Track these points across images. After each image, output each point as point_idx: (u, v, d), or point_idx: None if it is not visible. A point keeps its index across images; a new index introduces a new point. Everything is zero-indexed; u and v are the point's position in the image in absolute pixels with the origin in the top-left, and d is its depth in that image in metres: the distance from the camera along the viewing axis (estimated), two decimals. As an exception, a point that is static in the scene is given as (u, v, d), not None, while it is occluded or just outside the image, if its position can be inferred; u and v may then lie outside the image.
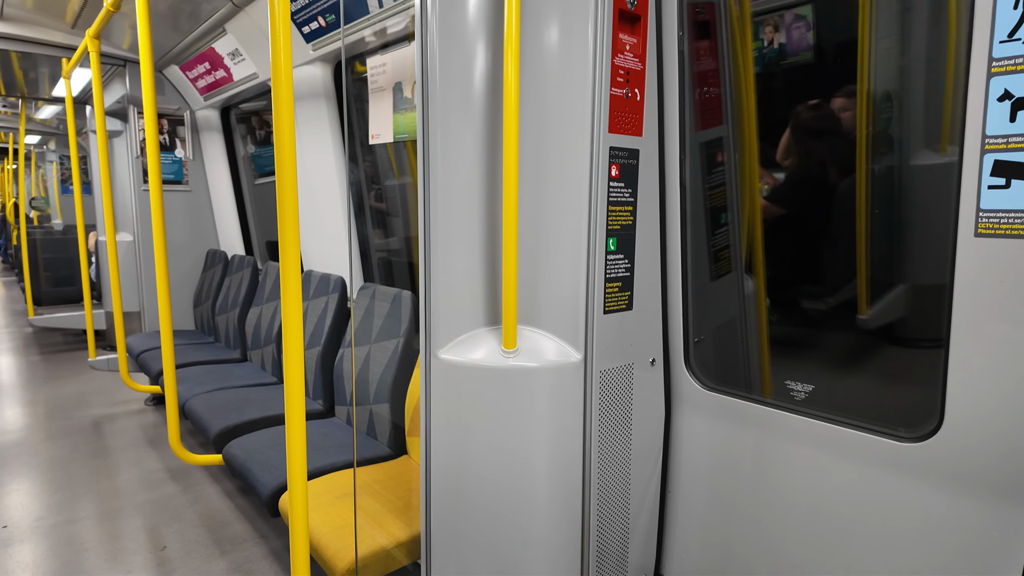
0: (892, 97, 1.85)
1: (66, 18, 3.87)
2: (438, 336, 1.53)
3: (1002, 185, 1.10)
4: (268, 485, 2.11)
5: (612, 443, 1.61)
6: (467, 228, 1.52)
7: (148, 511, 2.86)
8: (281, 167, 1.27)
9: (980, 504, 1.21)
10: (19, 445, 3.64)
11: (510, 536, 1.52)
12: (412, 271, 3.33)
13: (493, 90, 1.47)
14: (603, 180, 1.47)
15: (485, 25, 1.44)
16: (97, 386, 4.79)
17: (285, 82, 1.27)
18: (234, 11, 3.17)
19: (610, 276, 1.53)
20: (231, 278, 4.27)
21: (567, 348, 1.51)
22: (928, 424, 1.28)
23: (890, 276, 1.85)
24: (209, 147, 4.76)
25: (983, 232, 1.13)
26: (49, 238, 7.09)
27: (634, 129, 1.53)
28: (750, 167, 1.89)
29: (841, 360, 1.93)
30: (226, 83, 3.92)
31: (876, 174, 1.86)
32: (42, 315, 5.72)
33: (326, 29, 2.72)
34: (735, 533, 1.64)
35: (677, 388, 1.74)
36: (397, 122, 2.60)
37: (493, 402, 1.50)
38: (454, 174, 1.50)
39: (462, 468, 1.54)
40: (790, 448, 1.52)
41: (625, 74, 1.48)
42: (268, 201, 4.66)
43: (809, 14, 2.07)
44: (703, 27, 1.72)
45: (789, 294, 2.09)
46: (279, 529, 2.71)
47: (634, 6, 1.47)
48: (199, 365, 3.67)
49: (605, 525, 1.63)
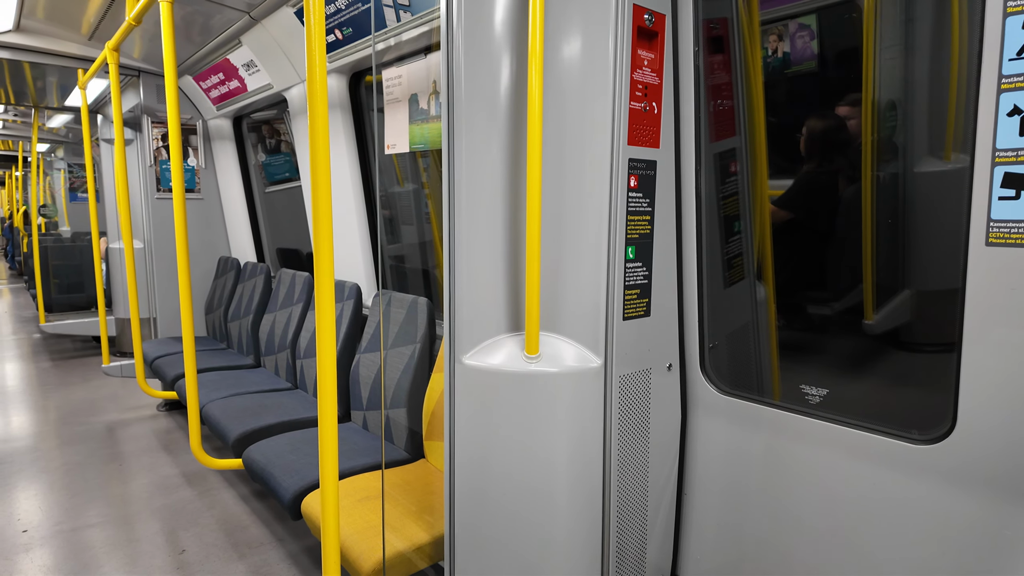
0: (897, 105, 1.90)
1: (82, 30, 3.93)
2: (462, 342, 1.58)
3: (1012, 196, 1.15)
4: (290, 489, 2.15)
5: (631, 446, 1.65)
6: (490, 236, 1.56)
7: (165, 515, 2.90)
8: (316, 179, 1.32)
9: (992, 505, 1.25)
10: (35, 450, 3.68)
11: (532, 536, 1.56)
12: (425, 277, 3.37)
13: (516, 101, 1.52)
14: (622, 190, 1.52)
15: (510, 39, 1.50)
16: (108, 392, 4.83)
17: (320, 95, 1.32)
18: (250, 24, 3.23)
19: (629, 283, 1.58)
20: (244, 285, 4.32)
21: (587, 354, 1.56)
22: (941, 427, 1.32)
23: (895, 281, 1.90)
24: (221, 156, 4.82)
25: (994, 241, 1.18)
26: (58, 245, 7.15)
27: (652, 141, 1.58)
28: (760, 176, 1.93)
29: (850, 364, 1.97)
30: (240, 93, 3.99)
31: (881, 181, 1.90)
32: (53, 322, 5.77)
33: (343, 42, 2.78)
34: (750, 534, 1.68)
35: (693, 392, 1.78)
36: (413, 132, 2.66)
37: (516, 406, 1.54)
38: (478, 183, 1.54)
39: (485, 471, 1.58)
40: (803, 450, 1.56)
41: (643, 88, 1.53)
42: (279, 209, 4.71)
43: (813, 23, 2.13)
44: (717, 42, 1.77)
45: (796, 299, 2.14)
46: (296, 532, 2.75)
47: (652, 23, 1.52)
48: (214, 371, 3.71)
49: (624, 526, 1.67)
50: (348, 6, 2.59)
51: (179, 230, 2.52)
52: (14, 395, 4.78)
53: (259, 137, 4.62)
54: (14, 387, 5.00)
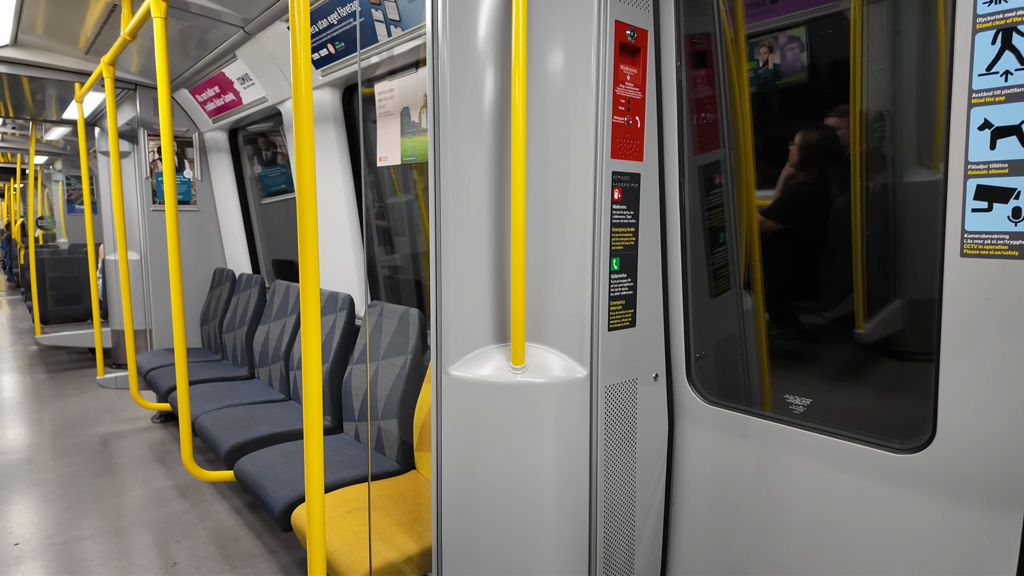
0: (885, 116, 1.92)
1: (79, 44, 3.97)
2: (449, 353, 1.59)
3: (985, 208, 1.17)
4: (280, 500, 2.15)
5: (618, 456, 1.66)
6: (476, 249, 1.58)
7: (158, 528, 2.90)
8: (302, 192, 1.33)
9: (972, 512, 1.26)
10: (28, 463, 3.68)
11: (520, 546, 1.57)
12: (418, 288, 3.39)
13: (501, 115, 1.54)
14: (606, 203, 1.54)
15: (493, 53, 1.52)
16: (103, 404, 4.83)
17: (306, 110, 1.34)
18: (245, 38, 3.26)
19: (614, 294, 1.59)
20: (239, 296, 4.33)
21: (573, 364, 1.57)
22: (921, 436, 1.33)
23: (886, 290, 1.91)
24: (217, 168, 4.85)
25: (968, 252, 1.20)
26: (55, 257, 7.16)
27: (635, 154, 1.60)
28: (747, 188, 1.96)
29: (841, 373, 1.99)
30: (235, 106, 4.02)
31: (871, 190, 1.92)
32: (48, 333, 5.77)
33: (335, 56, 2.81)
34: (737, 543, 1.69)
35: (680, 402, 1.79)
36: (404, 145, 2.68)
37: (502, 417, 1.55)
38: (464, 195, 1.56)
39: (473, 482, 1.59)
40: (789, 460, 1.57)
41: (626, 103, 1.56)
42: (274, 220, 4.74)
43: (803, 35, 2.16)
44: (700, 56, 1.80)
45: (786, 309, 2.16)
46: (288, 545, 2.74)
47: (634, 39, 1.55)
48: (208, 383, 3.72)
49: (612, 536, 1.68)
50: (340, 21, 2.62)
51: (171, 242, 2.54)
52: (9, 407, 4.78)
53: (255, 149, 4.65)
54: (9, 399, 4.99)
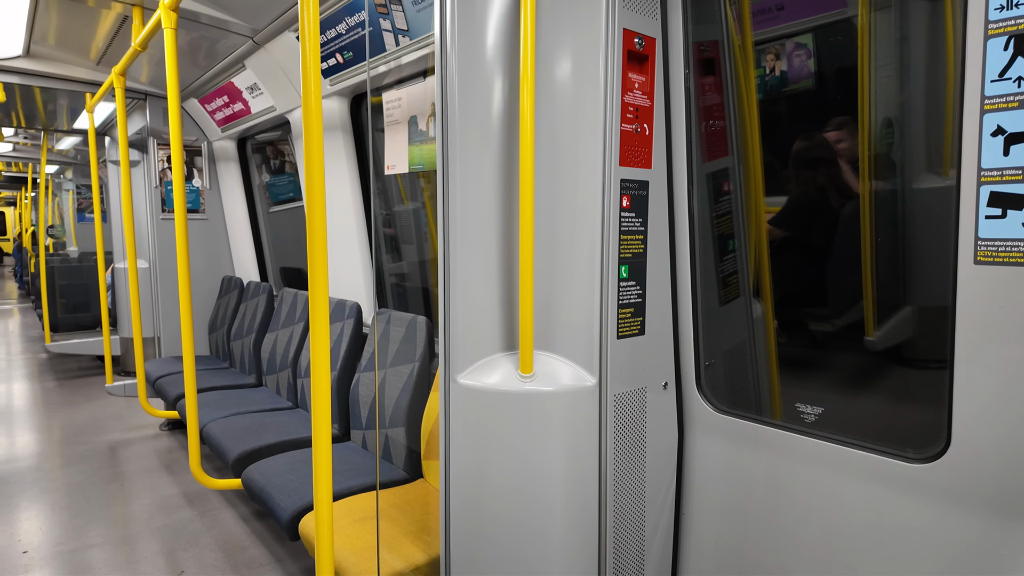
0: (893, 123, 1.91)
1: (91, 55, 4.02)
2: (457, 362, 1.58)
3: (999, 215, 1.16)
4: (288, 509, 2.15)
5: (627, 465, 1.65)
6: (484, 256, 1.58)
7: (165, 536, 2.90)
8: (311, 200, 1.34)
9: (987, 523, 1.24)
10: (37, 470, 3.69)
11: (530, 555, 1.55)
12: (425, 296, 3.39)
13: (509, 123, 1.54)
14: (615, 210, 1.53)
15: (502, 63, 1.52)
16: (112, 412, 4.85)
17: (315, 119, 1.34)
18: (254, 48, 3.29)
19: (623, 302, 1.58)
20: (247, 304, 4.34)
21: (582, 372, 1.56)
22: (936, 445, 1.31)
23: (896, 297, 1.90)
24: (225, 176, 4.88)
25: (982, 260, 1.19)
26: (65, 265, 7.21)
27: (643, 162, 1.60)
28: (756, 195, 1.95)
29: (852, 381, 1.97)
30: (244, 115, 4.05)
31: (880, 197, 1.91)
32: (58, 341, 5.81)
33: (343, 65, 2.83)
34: (748, 552, 1.67)
35: (689, 411, 1.78)
36: (412, 153, 2.69)
37: (511, 425, 1.54)
38: (472, 204, 1.56)
39: (481, 491, 1.58)
40: (801, 469, 1.55)
41: (634, 111, 1.55)
42: (282, 228, 4.76)
43: (810, 42, 2.16)
44: (708, 64, 1.80)
45: (796, 317, 2.14)
46: (295, 553, 2.74)
47: (642, 47, 1.55)
48: (216, 390, 3.73)
49: (622, 545, 1.66)
50: (349, 31, 2.64)
51: (180, 250, 2.55)
52: (19, 415, 4.81)
53: (263, 158, 4.68)
54: (19, 407, 5.02)
